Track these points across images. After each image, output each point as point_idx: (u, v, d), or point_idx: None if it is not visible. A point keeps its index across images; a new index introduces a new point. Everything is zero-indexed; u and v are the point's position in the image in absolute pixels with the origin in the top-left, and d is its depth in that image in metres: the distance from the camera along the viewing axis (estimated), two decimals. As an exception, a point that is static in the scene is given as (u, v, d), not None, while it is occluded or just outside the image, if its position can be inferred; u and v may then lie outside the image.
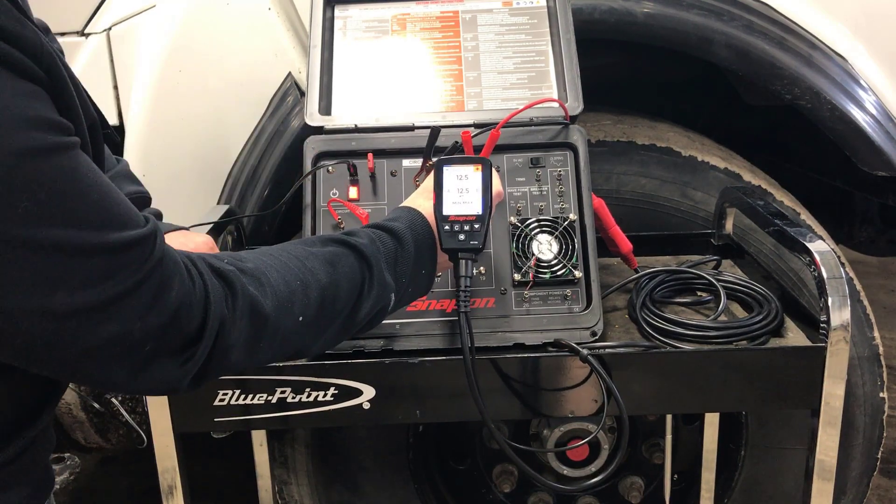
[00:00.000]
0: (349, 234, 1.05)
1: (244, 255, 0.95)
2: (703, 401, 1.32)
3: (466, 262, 1.13)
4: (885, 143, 1.75)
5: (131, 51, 1.72)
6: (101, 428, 1.82)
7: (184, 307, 0.82)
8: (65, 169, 0.74)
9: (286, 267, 0.95)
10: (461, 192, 1.14)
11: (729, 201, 1.66)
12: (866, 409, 1.77)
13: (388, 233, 1.07)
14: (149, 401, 1.26)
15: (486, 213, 1.13)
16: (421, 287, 1.13)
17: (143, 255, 0.79)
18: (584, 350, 1.23)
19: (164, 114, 1.70)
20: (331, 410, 1.26)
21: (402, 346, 1.29)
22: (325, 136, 1.39)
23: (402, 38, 1.50)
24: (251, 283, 0.90)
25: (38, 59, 0.75)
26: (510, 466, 1.84)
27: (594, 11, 1.67)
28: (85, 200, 0.76)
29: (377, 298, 1.03)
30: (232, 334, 0.87)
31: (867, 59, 1.78)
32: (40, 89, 0.75)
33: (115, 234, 0.77)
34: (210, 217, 1.51)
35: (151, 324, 0.80)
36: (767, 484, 1.82)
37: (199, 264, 0.87)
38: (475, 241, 1.12)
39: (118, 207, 0.79)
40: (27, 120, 0.72)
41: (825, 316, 1.23)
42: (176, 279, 0.82)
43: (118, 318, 0.78)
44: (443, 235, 1.11)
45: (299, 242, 1.03)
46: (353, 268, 1.01)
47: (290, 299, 0.93)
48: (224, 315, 0.86)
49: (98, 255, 0.76)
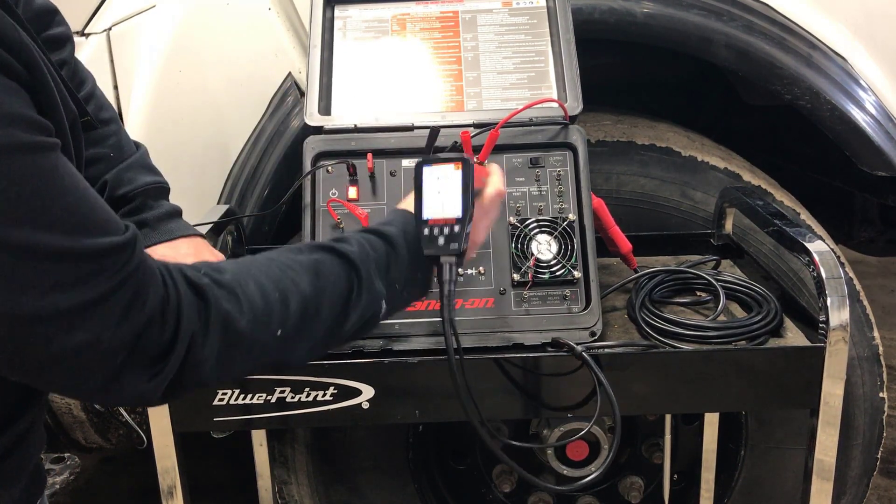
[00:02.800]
0: (339, 240, 1.02)
1: (224, 267, 0.91)
2: (702, 401, 1.32)
3: (450, 266, 1.07)
4: (885, 143, 1.75)
5: (131, 51, 1.72)
6: (101, 428, 1.82)
7: (155, 319, 0.80)
8: (41, 169, 0.73)
9: (267, 277, 0.92)
10: (440, 194, 1.08)
11: (729, 201, 1.66)
12: (866, 409, 1.77)
13: (381, 237, 1.04)
14: (148, 401, 1.26)
15: (465, 216, 1.07)
16: (417, 290, 1.09)
17: (119, 262, 0.77)
18: (579, 347, 1.23)
19: (165, 114, 1.70)
20: (330, 410, 1.26)
21: (402, 346, 1.29)
22: (324, 136, 1.40)
23: (401, 39, 1.50)
24: (225, 297, 0.87)
25: (17, 55, 0.73)
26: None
27: (594, 11, 1.68)
28: (59, 203, 0.73)
29: (366, 307, 1.00)
30: (204, 349, 0.84)
31: (867, 59, 1.78)
32: (18, 86, 0.73)
33: (88, 240, 0.75)
34: (210, 217, 1.51)
35: (123, 334, 0.77)
36: (767, 484, 1.82)
37: (175, 275, 0.84)
38: (455, 243, 1.05)
39: (95, 213, 0.77)
40: (3, 116, 0.70)
41: (824, 316, 1.23)
42: (151, 290, 0.80)
43: (89, 325, 0.75)
44: (423, 240, 1.06)
45: (287, 250, 0.99)
46: (339, 277, 0.97)
47: (266, 313, 0.89)
48: (195, 329, 0.83)
49: (70, 260, 0.74)
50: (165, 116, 1.70)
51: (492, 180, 1.16)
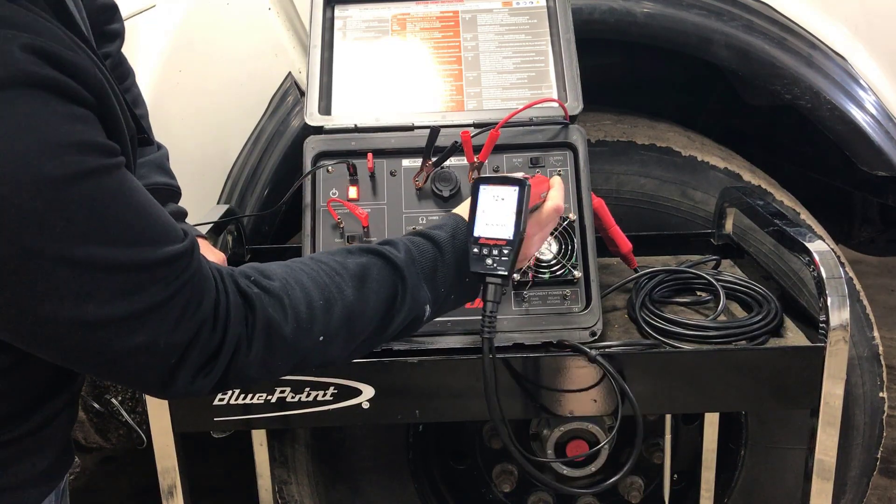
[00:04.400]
0: (387, 243, 1.06)
1: (273, 273, 0.96)
2: (702, 401, 1.32)
3: (494, 287, 1.08)
4: (885, 143, 1.75)
5: (131, 51, 1.71)
6: (101, 428, 1.82)
7: (207, 324, 0.87)
8: (106, 189, 0.79)
9: (314, 283, 0.97)
10: (495, 214, 1.09)
11: (729, 201, 1.66)
12: (866, 409, 1.77)
13: (429, 241, 1.07)
14: (148, 401, 1.26)
15: (516, 239, 1.07)
16: (465, 294, 1.11)
17: (177, 270, 0.84)
18: (593, 351, 1.24)
19: (164, 114, 1.70)
20: (330, 410, 1.26)
21: (404, 345, 1.29)
22: (324, 136, 1.39)
23: (401, 38, 1.50)
24: (272, 304, 0.93)
25: (88, 86, 0.79)
26: (510, 466, 1.84)
27: (594, 11, 1.68)
28: (122, 218, 0.80)
29: (409, 311, 1.03)
30: (249, 353, 0.91)
31: (867, 59, 1.78)
32: (89, 113, 0.80)
33: (149, 251, 0.81)
34: (210, 217, 1.52)
35: (178, 337, 0.84)
36: (767, 484, 1.82)
37: (227, 282, 0.91)
38: (503, 268, 1.06)
39: (156, 225, 0.83)
40: (73, 144, 0.76)
41: (824, 316, 1.23)
42: (205, 296, 0.87)
43: (147, 329, 0.82)
44: (471, 258, 1.07)
45: (337, 252, 1.04)
46: (384, 282, 1.01)
47: (310, 319, 0.95)
48: (241, 334, 0.90)
49: (130, 271, 0.80)
50: (165, 116, 1.70)
51: (552, 195, 1.16)
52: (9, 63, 0.73)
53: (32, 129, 0.74)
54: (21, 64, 0.73)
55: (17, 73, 0.73)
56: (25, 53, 0.74)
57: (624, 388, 1.23)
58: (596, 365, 1.25)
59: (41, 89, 0.75)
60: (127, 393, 1.76)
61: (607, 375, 1.24)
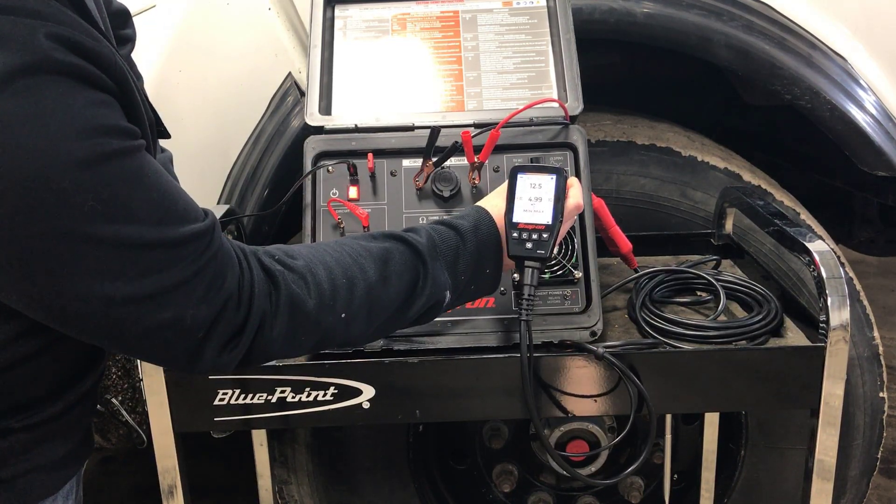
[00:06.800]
0: (409, 230, 1.09)
1: (297, 252, 1.00)
2: (702, 401, 1.32)
3: (532, 270, 1.13)
4: (885, 143, 1.75)
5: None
6: (101, 428, 1.82)
7: (232, 300, 0.90)
8: (129, 170, 0.82)
9: (337, 263, 1.00)
10: (533, 201, 1.13)
11: (729, 201, 1.66)
12: (866, 409, 1.77)
13: (452, 229, 1.10)
14: (149, 401, 1.26)
15: (555, 224, 1.13)
16: (485, 286, 1.15)
17: (200, 247, 0.87)
18: (600, 349, 1.24)
19: (164, 113, 1.70)
20: (330, 410, 1.26)
21: (404, 345, 1.29)
22: (325, 136, 1.39)
23: (402, 38, 1.50)
24: (295, 281, 0.96)
25: (110, 73, 0.83)
26: (510, 466, 1.84)
27: (594, 11, 1.67)
28: (146, 198, 0.83)
29: (430, 296, 1.06)
30: (273, 329, 0.94)
31: (867, 59, 1.78)
32: (111, 98, 0.83)
33: (173, 229, 0.85)
34: (210, 217, 1.51)
35: (204, 312, 0.88)
36: (767, 484, 1.82)
37: (250, 259, 0.94)
38: (542, 250, 1.11)
39: (178, 203, 0.87)
40: (97, 127, 0.79)
41: (824, 316, 1.23)
42: (228, 273, 0.90)
43: (174, 305, 0.85)
44: (510, 242, 1.12)
45: (360, 237, 1.08)
46: (406, 266, 1.04)
47: (332, 297, 0.98)
48: (266, 310, 0.93)
49: (156, 249, 0.83)
50: (165, 116, 1.70)
51: (572, 192, 1.19)
52: (35, 50, 0.76)
53: (59, 113, 0.76)
54: (46, 51, 0.76)
55: (43, 60, 0.76)
56: (50, 41, 0.77)
57: (640, 387, 1.23)
58: (602, 365, 1.25)
59: (66, 76, 0.78)
60: (127, 393, 1.76)
61: (620, 375, 1.24)
